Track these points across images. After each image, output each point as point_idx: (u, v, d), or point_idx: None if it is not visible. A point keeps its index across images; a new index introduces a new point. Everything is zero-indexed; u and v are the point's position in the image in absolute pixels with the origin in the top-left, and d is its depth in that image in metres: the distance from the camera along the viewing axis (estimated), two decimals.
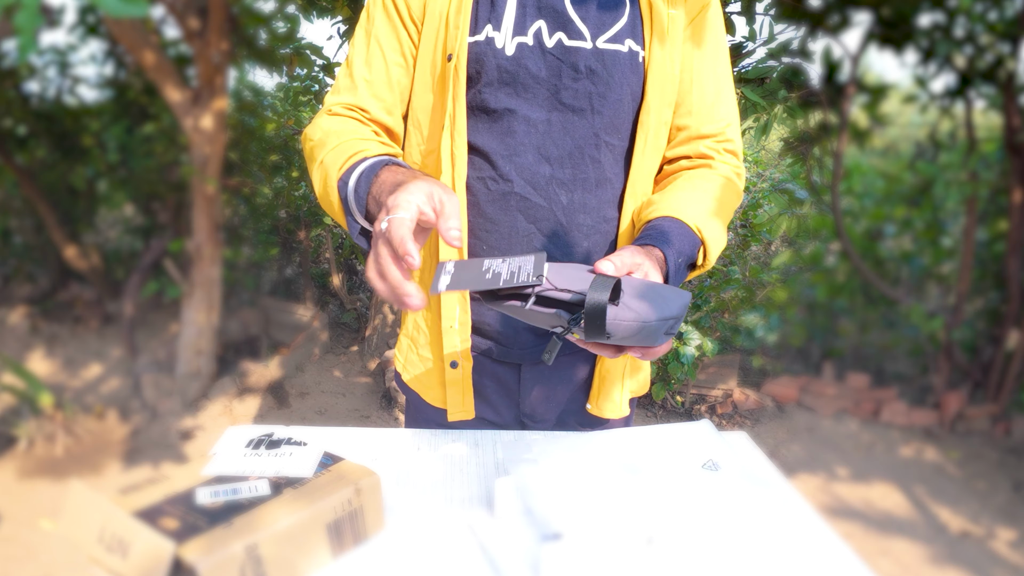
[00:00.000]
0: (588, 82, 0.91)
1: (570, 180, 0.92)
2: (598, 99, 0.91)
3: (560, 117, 0.92)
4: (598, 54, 0.91)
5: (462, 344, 0.99)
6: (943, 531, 2.40)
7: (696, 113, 0.97)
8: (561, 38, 0.90)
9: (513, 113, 0.91)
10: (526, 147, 0.91)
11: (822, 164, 3.11)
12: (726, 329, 3.37)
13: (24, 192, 3.42)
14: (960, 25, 2.77)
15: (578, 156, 0.92)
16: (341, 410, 3.11)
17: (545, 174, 0.92)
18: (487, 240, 0.95)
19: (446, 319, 0.97)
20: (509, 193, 0.92)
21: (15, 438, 2.60)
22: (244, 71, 3.52)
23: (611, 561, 0.63)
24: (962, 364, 3.21)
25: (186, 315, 2.97)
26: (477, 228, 0.95)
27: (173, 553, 0.55)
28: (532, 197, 0.92)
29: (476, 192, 0.94)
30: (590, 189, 0.93)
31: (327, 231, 3.93)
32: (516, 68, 0.90)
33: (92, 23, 3.14)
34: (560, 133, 0.92)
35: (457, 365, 0.99)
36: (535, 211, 0.93)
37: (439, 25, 0.91)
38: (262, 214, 3.74)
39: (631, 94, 0.93)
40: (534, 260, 0.70)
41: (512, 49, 0.90)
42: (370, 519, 0.68)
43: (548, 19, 0.90)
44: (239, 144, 3.46)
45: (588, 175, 0.93)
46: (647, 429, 0.85)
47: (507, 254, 0.94)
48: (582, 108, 0.92)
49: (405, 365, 1.08)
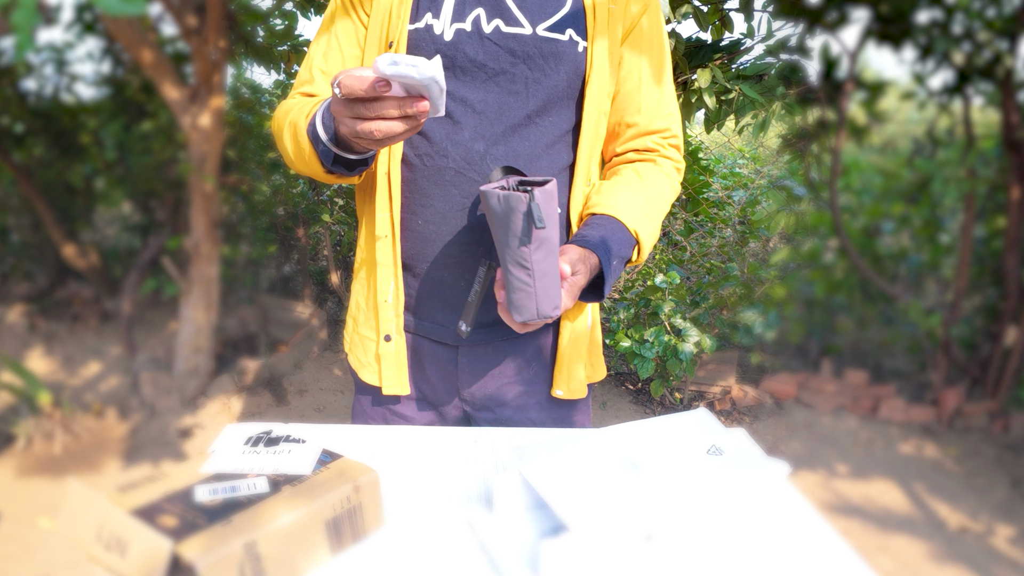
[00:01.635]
0: (524, 67, 0.95)
1: (503, 156, 0.96)
2: (533, 84, 0.95)
3: (496, 99, 0.95)
4: (537, 41, 0.95)
5: (396, 319, 1.02)
6: (942, 527, 2.40)
7: (645, 111, 1.03)
8: (499, 24, 0.94)
9: (450, 94, 0.94)
10: (462, 126, 0.95)
11: (820, 161, 3.11)
12: (724, 326, 3.37)
13: (21, 190, 3.41)
14: (958, 22, 2.77)
15: (511, 135, 0.96)
16: (340, 407, 3.11)
17: (480, 150, 0.95)
18: (422, 215, 0.99)
19: (380, 293, 1.01)
20: (444, 168, 0.96)
21: (14, 436, 2.60)
22: (242, 68, 3.51)
23: (611, 558, 0.63)
24: (960, 361, 3.21)
25: (184, 313, 2.97)
26: (412, 203, 0.99)
27: (171, 551, 0.55)
28: (467, 172, 0.96)
29: (413, 167, 0.98)
30: (523, 165, 0.96)
31: (325, 228, 3.93)
32: (454, 52, 0.94)
33: (89, 21, 3.13)
34: (495, 113, 0.95)
35: (391, 339, 1.02)
36: (469, 185, 0.96)
37: (384, 16, 0.96)
38: (260, 211, 3.73)
39: (567, 80, 0.97)
40: None
41: (450, 35, 0.94)
42: (369, 516, 0.68)
43: (487, 7, 0.95)
44: (237, 141, 3.45)
45: (520, 151, 0.96)
46: (647, 422, 0.86)
47: (441, 227, 0.98)
48: (517, 91, 0.95)
49: (350, 345, 1.11)
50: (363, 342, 1.07)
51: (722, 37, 2.32)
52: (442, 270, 1.00)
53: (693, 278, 3.53)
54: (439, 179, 0.96)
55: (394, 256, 1.00)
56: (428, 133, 0.96)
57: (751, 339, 3.38)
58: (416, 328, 1.05)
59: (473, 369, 1.06)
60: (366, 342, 1.07)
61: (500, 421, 1.09)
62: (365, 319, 1.07)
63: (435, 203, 0.97)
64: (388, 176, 0.97)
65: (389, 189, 0.98)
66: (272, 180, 3.68)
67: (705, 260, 3.52)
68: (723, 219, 3.71)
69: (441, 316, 1.03)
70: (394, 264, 1.00)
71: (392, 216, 0.98)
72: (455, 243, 0.98)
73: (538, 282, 0.83)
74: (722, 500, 0.72)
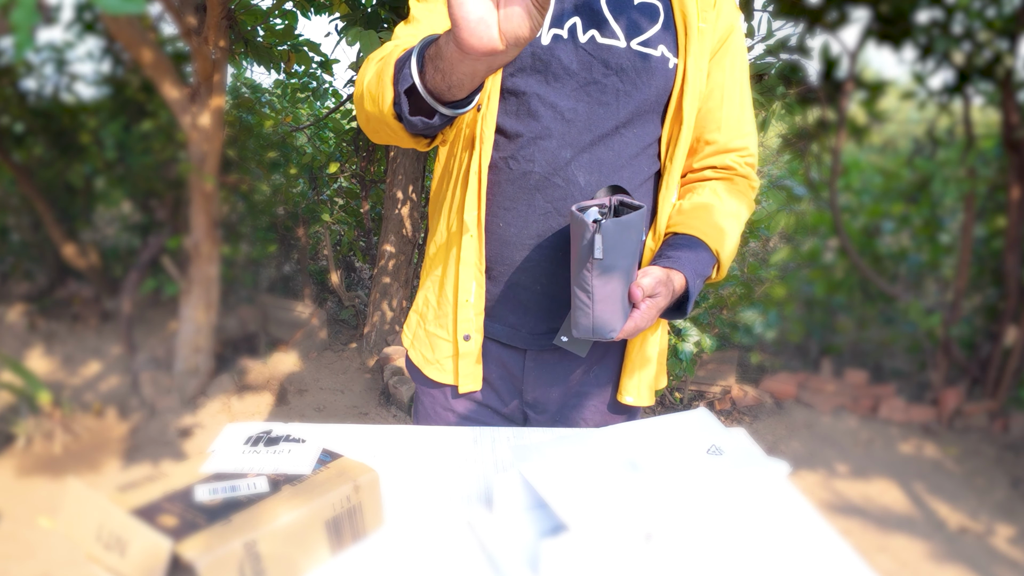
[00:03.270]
0: (616, 79, 0.95)
1: (587, 164, 0.96)
2: (624, 96, 0.96)
3: (586, 108, 0.95)
4: (631, 54, 0.95)
5: (476, 318, 1.02)
6: (942, 527, 2.40)
7: (725, 129, 1.04)
8: (594, 35, 0.94)
9: (540, 99, 0.95)
10: (550, 132, 0.95)
11: (820, 160, 3.11)
12: (724, 326, 3.37)
13: (21, 190, 3.41)
14: (958, 22, 2.77)
15: (598, 144, 0.96)
16: (340, 407, 3.11)
17: (565, 157, 0.96)
18: (504, 217, 0.99)
19: (463, 292, 1.01)
20: (530, 173, 0.96)
21: (14, 436, 2.59)
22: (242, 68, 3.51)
23: (611, 557, 0.63)
24: (960, 360, 3.21)
25: (184, 312, 2.97)
26: (495, 205, 0.99)
27: (171, 551, 0.54)
28: (551, 178, 0.96)
29: (498, 171, 0.98)
30: (606, 174, 0.97)
31: (325, 228, 3.93)
32: (549, 57, 0.94)
33: (89, 20, 3.13)
34: (584, 123, 0.95)
35: (470, 338, 1.03)
36: (553, 191, 0.96)
37: None
38: (260, 211, 3.73)
39: (657, 96, 0.97)
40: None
41: (547, 39, 0.94)
42: (369, 516, 0.68)
43: (583, 16, 0.95)
44: (237, 141, 3.45)
45: (605, 160, 0.97)
46: (647, 422, 0.86)
47: (522, 231, 0.99)
48: (607, 102, 0.95)
49: (413, 341, 1.11)
50: (431, 340, 1.07)
51: None
52: (519, 273, 1.00)
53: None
54: (524, 184, 0.97)
55: (479, 256, 1.00)
56: (515, 138, 0.96)
57: (751, 339, 3.38)
58: (487, 330, 1.05)
59: (539, 374, 1.07)
60: (436, 340, 1.06)
61: (558, 422, 1.10)
62: (436, 317, 1.06)
63: (519, 207, 0.98)
64: (480, 175, 0.97)
65: (480, 188, 0.97)
66: (272, 180, 3.68)
67: None
68: None
69: (513, 319, 1.03)
70: (478, 264, 1.00)
71: (480, 215, 0.98)
72: (535, 248, 0.99)
73: (597, 305, 0.85)
74: (722, 499, 0.72)
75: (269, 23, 2.72)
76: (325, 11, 2.87)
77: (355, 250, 4.13)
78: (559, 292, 1.00)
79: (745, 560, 0.66)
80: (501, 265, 1.01)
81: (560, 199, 0.96)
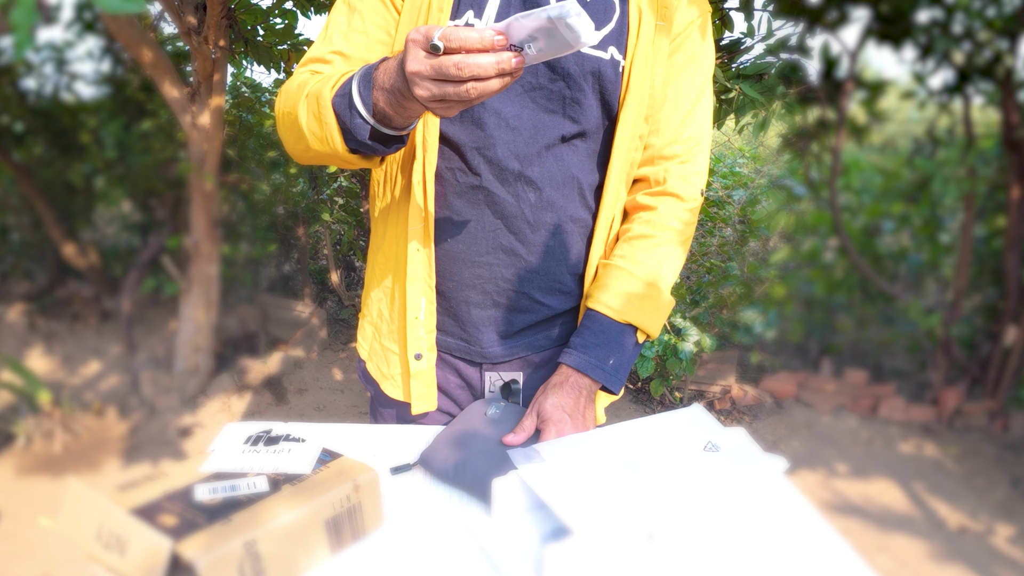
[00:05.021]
0: (563, 84, 0.90)
1: (538, 178, 0.92)
2: (571, 103, 0.91)
3: (531, 116, 0.91)
4: (579, 58, 0.90)
5: (427, 336, 0.98)
6: (942, 527, 2.40)
7: (663, 132, 0.97)
8: None
9: (484, 107, 0.90)
10: (496, 141, 0.91)
11: (820, 160, 3.11)
12: (724, 325, 3.37)
13: (21, 189, 3.40)
14: (958, 21, 2.77)
15: (546, 155, 0.92)
16: (340, 406, 3.11)
17: (514, 170, 0.92)
18: (452, 232, 0.95)
19: (411, 310, 0.96)
20: (477, 187, 0.92)
21: (13, 435, 2.59)
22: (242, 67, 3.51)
23: (614, 559, 0.63)
24: (960, 360, 3.21)
25: (184, 312, 2.97)
26: (443, 220, 0.95)
27: (171, 550, 0.54)
28: (499, 192, 0.92)
29: (445, 182, 0.93)
30: (556, 188, 0.93)
31: (325, 228, 3.93)
32: None
33: (89, 19, 3.13)
34: (531, 131, 0.91)
35: (421, 357, 0.98)
36: (502, 207, 0.93)
37: (422, 8, 0.90)
38: (260, 210, 3.73)
39: (604, 101, 0.93)
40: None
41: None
42: (369, 515, 0.68)
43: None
44: (237, 140, 3.45)
45: (555, 174, 0.93)
46: (643, 421, 0.86)
47: (471, 248, 0.95)
48: (553, 110, 0.91)
49: (369, 354, 1.06)
50: (386, 354, 1.03)
51: (722, 36, 2.31)
52: (468, 290, 0.97)
53: (693, 277, 3.53)
54: (472, 197, 0.93)
55: (428, 272, 0.95)
56: (461, 147, 0.91)
57: (751, 338, 3.38)
58: (441, 345, 1.01)
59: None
60: (390, 355, 1.02)
61: None
62: (389, 331, 1.02)
63: (468, 224, 0.93)
64: (424, 184, 0.91)
65: (425, 198, 0.92)
66: (272, 179, 3.68)
67: (705, 259, 3.52)
68: (723, 218, 3.71)
69: (465, 335, 1.00)
70: (427, 280, 0.96)
71: (428, 228, 0.93)
72: (484, 265, 0.95)
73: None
74: (721, 496, 0.72)
75: (269, 22, 2.71)
76: (325, 11, 2.86)
77: (355, 249, 4.12)
78: (512, 311, 0.98)
79: (746, 560, 0.66)
80: (450, 281, 0.97)
81: (510, 216, 0.93)
